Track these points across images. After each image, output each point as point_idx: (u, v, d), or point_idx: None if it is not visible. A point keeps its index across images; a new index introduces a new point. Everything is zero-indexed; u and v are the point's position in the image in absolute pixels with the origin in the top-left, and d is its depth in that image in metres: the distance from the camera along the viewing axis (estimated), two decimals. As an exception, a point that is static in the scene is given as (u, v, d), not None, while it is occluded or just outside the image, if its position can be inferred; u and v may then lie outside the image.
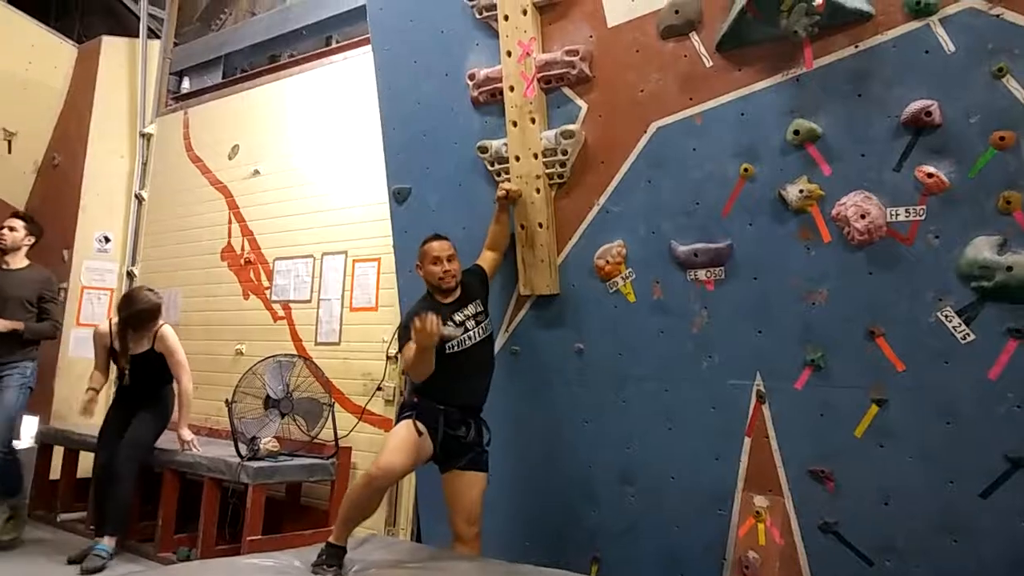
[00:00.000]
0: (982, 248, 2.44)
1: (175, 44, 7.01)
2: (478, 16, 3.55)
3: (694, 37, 2.99)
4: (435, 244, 3.26)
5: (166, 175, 6.50)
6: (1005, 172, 2.39)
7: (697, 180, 3.03)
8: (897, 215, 2.59)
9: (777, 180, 2.83)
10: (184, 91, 6.85)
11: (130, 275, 6.50)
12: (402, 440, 3.02)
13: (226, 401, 4.19)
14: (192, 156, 6.26)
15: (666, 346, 3.15)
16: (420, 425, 3.05)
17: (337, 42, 5.65)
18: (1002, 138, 2.39)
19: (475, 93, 3.59)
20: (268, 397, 4.27)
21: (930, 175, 2.51)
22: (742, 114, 2.90)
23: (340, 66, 5.32)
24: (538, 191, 3.41)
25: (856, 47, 2.64)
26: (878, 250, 2.64)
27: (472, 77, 3.59)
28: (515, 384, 3.54)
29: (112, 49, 6.83)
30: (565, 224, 3.41)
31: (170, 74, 6.94)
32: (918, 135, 2.54)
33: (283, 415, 4.31)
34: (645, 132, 3.15)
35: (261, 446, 4.14)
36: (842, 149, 2.70)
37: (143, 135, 6.72)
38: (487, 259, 3.45)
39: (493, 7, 3.48)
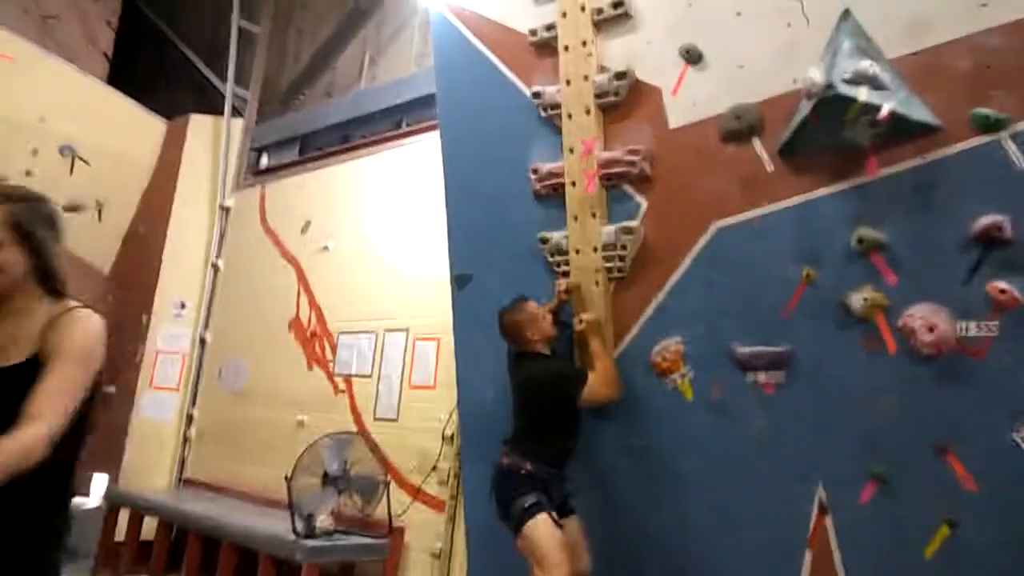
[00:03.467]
0: (1057, 369, 2.34)
1: (256, 122, 7.40)
2: (543, 113, 3.66)
3: (755, 142, 3.02)
4: (533, 303, 3.41)
5: (241, 246, 6.78)
6: (1082, 293, 2.31)
7: (758, 282, 3.02)
8: (968, 329, 2.52)
9: (840, 286, 2.79)
10: (263, 167, 7.20)
11: (202, 341, 6.75)
12: (557, 546, 2.98)
13: (286, 476, 4.27)
14: (266, 229, 6.53)
15: (724, 447, 3.09)
16: (555, 516, 3.05)
17: (408, 126, 5.88)
18: (1078, 258, 2.32)
19: (537, 186, 3.68)
20: (326, 473, 4.32)
21: (1003, 291, 2.44)
22: (804, 219, 2.89)
23: (409, 148, 5.53)
24: (597, 284, 3.44)
25: (923, 158, 2.62)
26: (947, 364, 2.56)
27: (535, 171, 3.69)
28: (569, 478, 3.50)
29: (199, 126, 7.25)
30: (623, 318, 3.42)
31: (251, 150, 7.31)
32: (989, 249, 2.48)
33: (340, 492, 4.36)
34: (705, 232, 3.17)
35: (317, 524, 4.19)
36: (908, 259, 2.65)
37: (222, 207, 7.06)
38: None
39: (558, 105, 3.59)
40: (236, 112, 7.40)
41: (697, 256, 3.20)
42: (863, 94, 2.58)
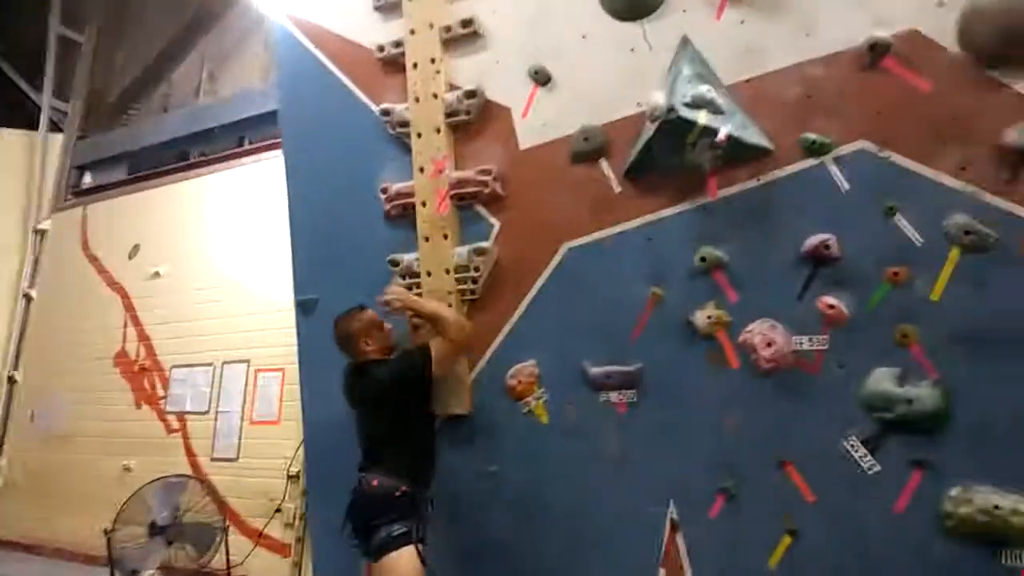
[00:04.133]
0: (882, 380, 2.48)
1: (79, 137, 6.78)
2: (392, 131, 3.54)
3: (603, 163, 3.05)
4: (371, 311, 3.24)
5: (59, 274, 6.15)
6: (899, 307, 2.47)
7: (608, 302, 3.03)
8: (802, 344, 2.63)
9: (686, 305, 2.85)
10: (85, 186, 6.58)
11: (11, 380, 6.01)
12: None
13: (105, 530, 3.81)
14: (88, 255, 5.95)
15: (579, 470, 3.06)
16: (422, 550, 2.83)
17: (251, 143, 5.57)
18: (895, 274, 2.47)
19: (387, 207, 3.54)
20: (153, 523, 3.90)
21: (831, 306, 2.57)
22: (650, 239, 2.94)
23: (250, 168, 5.24)
24: (450, 306, 3.33)
25: (758, 180, 2.73)
26: (786, 378, 2.66)
27: (384, 191, 3.55)
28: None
29: (9, 142, 6.54)
30: (477, 342, 3.32)
31: (72, 168, 6.67)
32: (818, 267, 2.61)
33: (170, 543, 3.95)
34: (556, 252, 3.15)
35: (143, 580, 3.76)
36: (747, 277, 2.75)
37: (37, 231, 6.38)
38: None
39: (407, 123, 3.48)
40: (56, 127, 6.75)
41: (549, 277, 3.17)
42: (702, 117, 2.66)
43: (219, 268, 5.04)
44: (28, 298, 6.20)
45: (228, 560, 4.06)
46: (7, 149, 6.47)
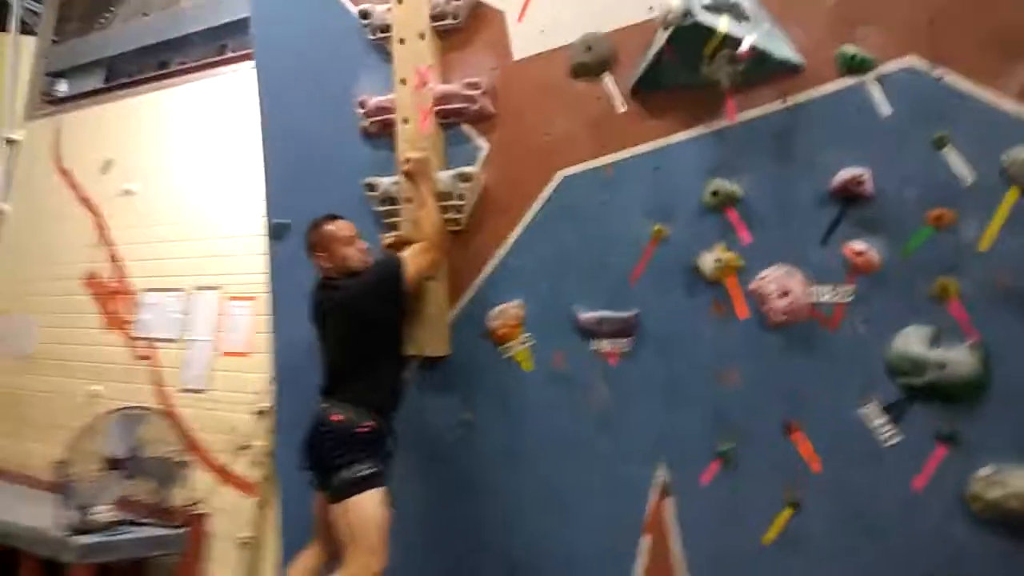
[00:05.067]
0: (912, 340, 2.15)
1: (54, 41, 6.32)
2: (371, 37, 3.14)
3: (607, 78, 2.66)
4: (341, 222, 2.87)
5: (31, 188, 5.78)
6: (942, 255, 2.11)
7: (606, 239, 2.68)
8: (822, 295, 2.29)
9: (692, 245, 2.50)
10: (61, 95, 6.16)
11: (-21, 297, 5.72)
12: (384, 528, 2.57)
13: (58, 463, 3.57)
14: (60, 168, 5.57)
15: (562, 423, 2.77)
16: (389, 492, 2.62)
17: (232, 51, 5.13)
18: (939, 216, 2.11)
19: (365, 123, 3.17)
20: (109, 457, 3.66)
21: (859, 253, 2.22)
22: (657, 168, 2.57)
23: (229, 79, 4.80)
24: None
25: (784, 102, 2.35)
26: (799, 333, 2.33)
27: (363, 105, 3.17)
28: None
29: (-23, 44, 6.10)
30: (459, 278, 3.00)
31: (45, 75, 6.24)
32: (847, 206, 2.25)
33: (128, 477, 3.71)
34: (551, 180, 2.79)
35: (95, 515, 3.52)
36: (765, 216, 2.39)
37: (9, 141, 6.00)
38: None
39: (387, 28, 3.08)
40: (28, 30, 6.29)
41: (541, 208, 2.83)
42: (724, 24, 2.26)
43: (193, 187, 4.68)
44: (1, 212, 5.87)
45: (190, 499, 3.82)
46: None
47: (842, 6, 2.25)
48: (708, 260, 2.45)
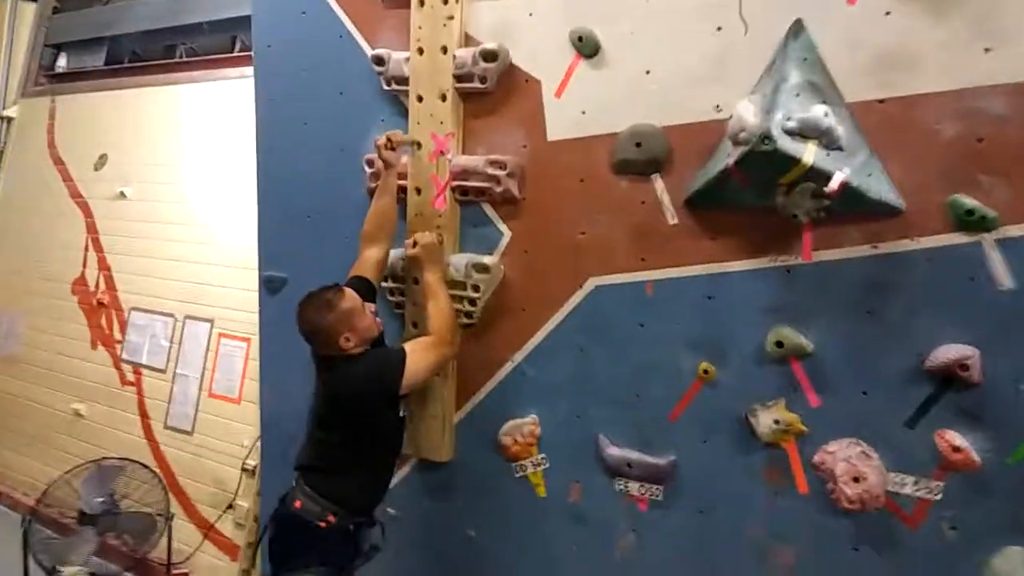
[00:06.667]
0: (1017, 564, 1.77)
1: (55, 10, 5.86)
2: (385, 87, 2.71)
3: (657, 181, 2.23)
4: (350, 292, 2.39)
5: (24, 171, 5.41)
6: (1061, 472, 1.72)
7: (642, 366, 2.29)
8: (903, 486, 1.90)
9: (745, 395, 2.11)
10: (60, 70, 5.74)
11: (-31, 287, 5.42)
12: None
13: (23, 519, 3.28)
14: (54, 156, 5.20)
15: (577, 564, 2.43)
16: None
17: (243, 45, 4.67)
18: (1062, 424, 1.71)
19: (372, 184, 2.76)
20: (82, 512, 3.37)
21: (956, 448, 1.82)
22: (709, 297, 2.16)
23: (236, 84, 4.37)
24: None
25: (874, 248, 1.92)
26: (870, 522, 1.96)
27: (371, 164, 2.76)
28: (391, 559, 2.74)
29: (-26, 7, 5.66)
30: (468, 378, 2.63)
31: (45, 46, 5.80)
32: (946, 388, 1.84)
33: (101, 533, 3.43)
34: (580, 286, 2.39)
35: (63, 577, 3.26)
36: (838, 378, 1.99)
37: (3, 118, 5.61)
38: (370, 263, 2.56)
39: (404, 80, 2.64)
40: (29, -6, 5.84)
41: (568, 316, 2.43)
42: (810, 154, 1.82)
43: (191, 201, 4.29)
44: (-9, 194, 5.52)
45: (170, 555, 3.55)
46: (-28, 16, 5.62)
47: (962, 145, 1.80)
48: (765, 418, 2.07)
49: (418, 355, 2.36)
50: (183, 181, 4.36)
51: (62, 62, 5.81)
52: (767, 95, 1.91)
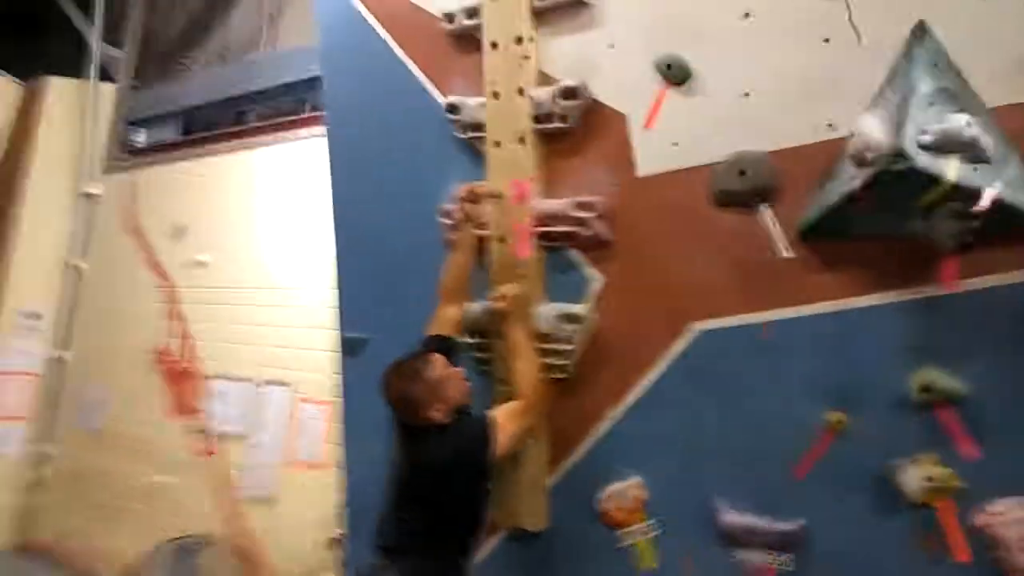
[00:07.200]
0: None
1: (133, 87, 6.09)
2: (460, 135, 2.60)
3: (766, 212, 2.02)
4: (439, 360, 2.25)
5: (108, 246, 5.54)
6: None
7: (759, 417, 2.06)
8: (1092, 553, 1.60)
9: (886, 448, 1.85)
10: (139, 145, 5.92)
11: (60, 361, 5.52)
12: None
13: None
14: (136, 228, 5.31)
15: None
16: None
17: (313, 105, 4.70)
18: None
19: (452, 236, 2.63)
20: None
21: None
22: (837, 338, 1.93)
23: (308, 144, 4.37)
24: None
25: (1034, 273, 1.67)
26: (1051, 596, 1.65)
27: (449, 215, 2.64)
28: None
29: (62, 90, 5.91)
30: (561, 438, 2.43)
31: (128, 124, 6.01)
32: None
33: (187, 614, 3.33)
34: (682, 332, 2.18)
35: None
36: (1000, 426, 1.72)
37: (87, 194, 5.79)
38: (450, 321, 2.44)
39: (480, 127, 2.53)
40: (107, 76, 6.08)
41: (670, 366, 2.22)
42: (953, 171, 1.59)
43: (269, 263, 4.28)
44: (76, 270, 5.66)
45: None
46: (60, 98, 5.85)
47: None
48: (913, 475, 1.80)
49: (508, 423, 2.21)
50: (260, 244, 4.36)
51: (141, 137, 6.01)
52: (894, 108, 1.70)
